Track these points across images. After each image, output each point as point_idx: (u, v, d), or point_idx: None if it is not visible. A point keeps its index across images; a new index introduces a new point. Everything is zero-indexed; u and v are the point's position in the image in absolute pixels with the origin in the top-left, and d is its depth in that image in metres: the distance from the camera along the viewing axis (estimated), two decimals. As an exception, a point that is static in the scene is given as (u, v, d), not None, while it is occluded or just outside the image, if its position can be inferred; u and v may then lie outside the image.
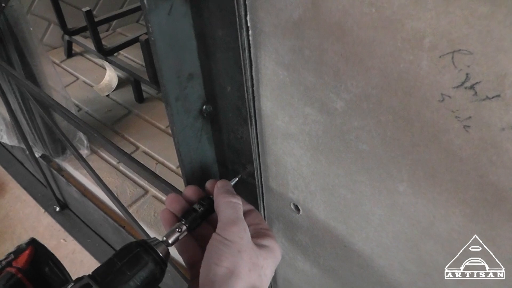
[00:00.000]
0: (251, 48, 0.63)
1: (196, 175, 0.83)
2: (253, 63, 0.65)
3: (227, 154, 0.82)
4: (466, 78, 0.45)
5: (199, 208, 0.73)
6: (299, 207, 0.80)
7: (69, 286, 0.57)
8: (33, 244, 1.11)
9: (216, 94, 0.73)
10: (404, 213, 0.62)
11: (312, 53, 0.56)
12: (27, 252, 1.10)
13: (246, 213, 0.72)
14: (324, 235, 0.80)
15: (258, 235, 0.69)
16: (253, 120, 0.71)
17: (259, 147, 0.76)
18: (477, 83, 0.44)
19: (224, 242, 0.63)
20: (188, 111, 0.74)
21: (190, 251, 0.73)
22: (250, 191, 0.83)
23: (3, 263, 1.05)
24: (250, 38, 0.62)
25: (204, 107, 0.76)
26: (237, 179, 0.79)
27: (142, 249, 0.63)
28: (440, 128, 0.50)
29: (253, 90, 0.68)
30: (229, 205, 0.69)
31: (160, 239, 0.68)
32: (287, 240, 0.92)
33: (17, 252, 1.08)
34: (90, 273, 0.60)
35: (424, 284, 0.69)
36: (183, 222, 0.71)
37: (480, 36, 0.41)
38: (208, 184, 0.77)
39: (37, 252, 1.12)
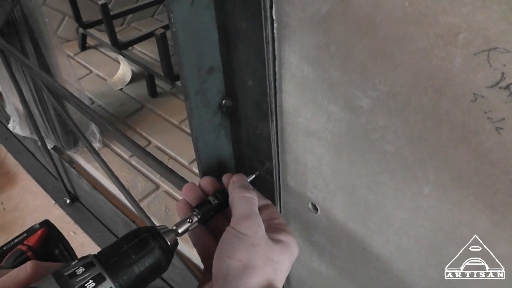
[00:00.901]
0: (275, 42, 0.62)
1: (213, 171, 0.82)
2: (276, 57, 0.63)
3: (245, 150, 0.81)
4: (501, 78, 0.43)
5: (214, 201, 0.72)
6: (318, 207, 0.79)
7: (74, 263, 0.56)
8: (46, 225, 1.12)
9: (237, 89, 0.72)
10: (427, 216, 0.61)
11: (339, 49, 0.55)
12: (39, 232, 1.10)
13: (262, 208, 0.71)
14: (342, 236, 0.78)
15: (274, 230, 0.68)
16: (274, 116, 0.69)
17: (279, 144, 0.74)
18: (512, 83, 0.43)
19: (237, 235, 0.62)
20: (207, 106, 0.73)
21: (204, 243, 0.72)
22: (267, 189, 0.82)
23: (16, 240, 1.06)
24: (275, 31, 0.60)
25: (223, 101, 0.74)
26: (254, 175, 0.78)
27: (150, 235, 0.62)
28: (470, 129, 0.48)
29: (275, 85, 0.66)
30: (243, 200, 0.68)
31: (170, 227, 0.66)
32: (303, 240, 0.90)
33: (30, 231, 1.09)
34: (96, 253, 0.59)
35: (444, 289, 0.67)
36: (195, 213, 0.70)
37: (518, 33, 0.40)
38: (224, 178, 0.75)
39: (49, 234, 1.12)
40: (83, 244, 2.38)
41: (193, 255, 1.82)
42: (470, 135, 0.49)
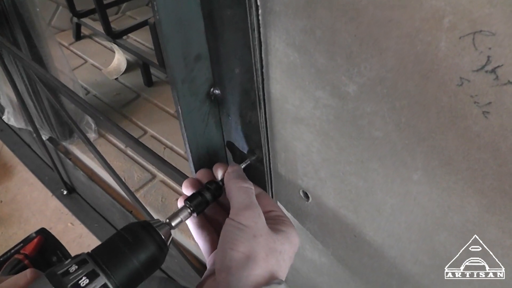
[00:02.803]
0: (261, 28, 0.61)
1: (203, 160, 0.81)
2: (262, 44, 0.62)
3: (235, 139, 0.80)
4: (487, 61, 0.42)
5: (205, 192, 0.71)
6: (309, 195, 0.78)
7: (66, 262, 0.56)
8: (42, 233, 1.13)
9: (224, 77, 0.71)
10: (417, 202, 0.60)
11: (324, 34, 0.54)
12: (35, 240, 1.11)
13: (257, 198, 0.70)
14: (333, 224, 0.78)
15: (273, 221, 0.67)
16: (262, 104, 0.69)
17: (268, 131, 0.74)
18: (498, 66, 0.42)
19: (238, 226, 0.62)
20: (195, 94, 0.72)
21: (207, 238, 0.72)
22: (258, 178, 0.81)
23: (12, 251, 1.06)
24: (260, 17, 0.59)
25: (211, 90, 0.74)
26: (246, 163, 0.77)
27: (145, 231, 0.61)
28: (457, 114, 0.48)
29: (262, 72, 0.65)
30: (241, 190, 0.67)
31: (163, 221, 0.66)
32: (296, 229, 0.90)
33: (26, 240, 1.10)
34: (89, 251, 0.58)
35: (436, 276, 0.67)
36: (187, 206, 0.70)
37: (503, 16, 0.39)
38: (215, 168, 0.75)
39: (46, 242, 1.13)
40: (81, 235, 2.38)
41: (191, 245, 1.82)
42: (457, 120, 0.48)
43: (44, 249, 1.11)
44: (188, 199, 0.71)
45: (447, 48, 0.44)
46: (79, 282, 0.53)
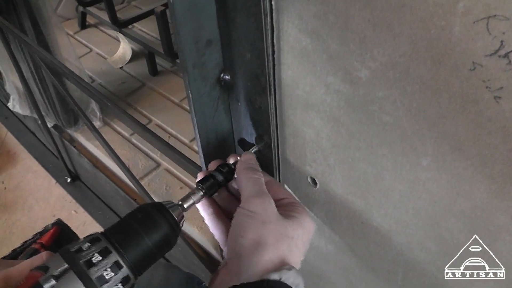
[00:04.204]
0: (273, 14, 0.61)
1: (212, 146, 0.82)
2: (275, 29, 0.63)
3: (244, 125, 0.80)
4: (500, 46, 0.43)
5: (217, 175, 0.72)
6: (316, 181, 0.78)
7: (80, 240, 0.56)
8: (59, 224, 1.15)
9: (235, 62, 0.71)
10: (426, 188, 0.61)
11: (338, 19, 0.54)
12: (51, 231, 1.13)
13: (268, 185, 0.70)
14: (341, 210, 0.78)
15: (286, 207, 0.67)
16: (273, 89, 0.69)
17: (277, 117, 0.74)
18: (511, 51, 0.42)
19: (247, 214, 0.62)
20: (205, 79, 0.72)
21: (222, 229, 0.72)
22: (266, 163, 0.81)
23: (29, 241, 1.08)
24: (273, 2, 0.60)
25: (222, 75, 0.74)
26: (256, 148, 0.78)
27: (158, 211, 0.62)
28: (469, 98, 0.48)
29: (273, 58, 0.66)
30: (250, 181, 0.67)
31: (176, 202, 0.66)
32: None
33: (43, 231, 1.12)
34: (103, 231, 0.59)
35: (443, 263, 0.67)
36: (199, 188, 0.70)
37: (518, 0, 0.39)
38: (229, 158, 0.75)
39: (62, 232, 1.15)
40: (85, 223, 2.39)
41: (195, 233, 1.82)
42: (468, 105, 0.49)
43: (60, 239, 1.13)
44: (200, 181, 0.71)
45: (460, 32, 0.45)
46: (92, 258, 0.54)
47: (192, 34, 0.65)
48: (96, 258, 0.54)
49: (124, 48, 2.75)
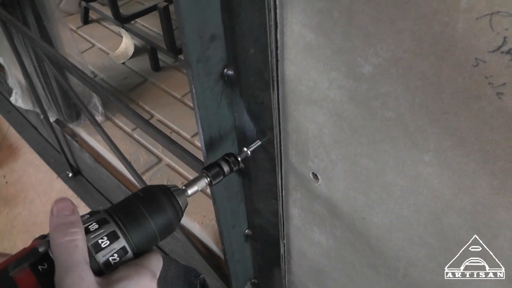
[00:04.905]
0: (277, 9, 0.61)
1: (214, 140, 0.82)
2: (278, 24, 0.63)
3: (247, 120, 0.81)
4: (503, 42, 0.43)
5: (223, 164, 0.72)
6: (319, 176, 0.79)
7: (86, 217, 0.55)
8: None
9: (238, 57, 0.72)
10: (427, 184, 0.61)
11: (342, 15, 0.55)
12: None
13: None
14: (342, 206, 0.79)
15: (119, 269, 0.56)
16: (276, 85, 0.69)
17: (280, 113, 0.74)
18: (515, 48, 0.42)
19: None
20: (209, 74, 0.73)
21: None
22: (268, 159, 0.82)
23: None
24: (277, -2, 0.60)
25: (225, 70, 0.74)
26: (256, 145, 0.78)
27: (164, 194, 0.61)
28: (472, 94, 0.48)
29: (277, 53, 0.66)
30: (61, 247, 0.52)
31: (180, 187, 0.66)
32: (304, 211, 0.91)
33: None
34: (107, 209, 0.57)
35: (444, 259, 0.68)
36: (204, 175, 0.70)
37: (522, -3, 0.40)
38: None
39: None
40: (86, 217, 2.38)
41: (195, 228, 1.83)
42: (471, 101, 0.49)
43: None
44: (206, 169, 0.71)
45: (464, 29, 0.45)
46: (99, 241, 0.53)
47: (197, 29, 0.66)
48: (104, 242, 0.53)
49: (127, 44, 2.75)
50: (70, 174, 2.55)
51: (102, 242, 0.53)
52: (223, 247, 1.15)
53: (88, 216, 0.56)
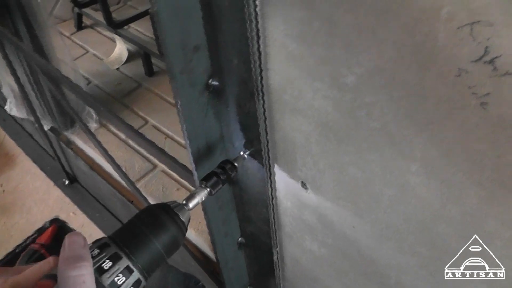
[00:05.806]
0: (259, 19, 0.60)
1: (202, 152, 0.81)
2: (260, 34, 0.62)
3: (234, 130, 0.80)
4: (485, 52, 0.42)
5: (220, 172, 0.71)
6: (308, 186, 0.78)
7: (88, 246, 0.56)
8: (56, 222, 1.14)
9: (223, 67, 0.71)
10: (415, 194, 0.60)
11: (322, 25, 0.54)
12: (50, 229, 1.12)
13: None
14: (332, 214, 0.78)
15: None
16: (261, 95, 0.68)
17: (267, 122, 0.73)
18: (497, 57, 0.42)
19: None
20: (194, 85, 0.72)
21: None
22: (257, 168, 0.81)
23: (28, 241, 1.08)
24: (258, 8, 0.59)
25: (210, 80, 0.73)
26: (246, 153, 0.77)
27: (165, 213, 0.62)
28: (456, 105, 0.48)
29: (260, 64, 0.65)
30: (69, 280, 0.52)
31: (181, 202, 0.66)
32: (295, 219, 0.90)
33: (41, 230, 1.11)
34: (111, 235, 0.59)
35: (435, 267, 0.67)
36: (203, 186, 0.69)
37: (502, 5, 0.39)
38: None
39: (60, 229, 1.14)
40: (83, 225, 2.38)
41: (191, 235, 1.82)
42: (455, 111, 0.48)
43: (59, 237, 1.12)
44: (203, 179, 0.71)
45: (445, 38, 0.44)
46: (102, 265, 0.54)
47: (179, 40, 0.65)
48: (107, 264, 0.54)
49: (120, 49, 2.75)
50: (67, 182, 2.55)
51: (104, 264, 0.54)
52: (216, 256, 1.14)
53: (91, 244, 0.57)
